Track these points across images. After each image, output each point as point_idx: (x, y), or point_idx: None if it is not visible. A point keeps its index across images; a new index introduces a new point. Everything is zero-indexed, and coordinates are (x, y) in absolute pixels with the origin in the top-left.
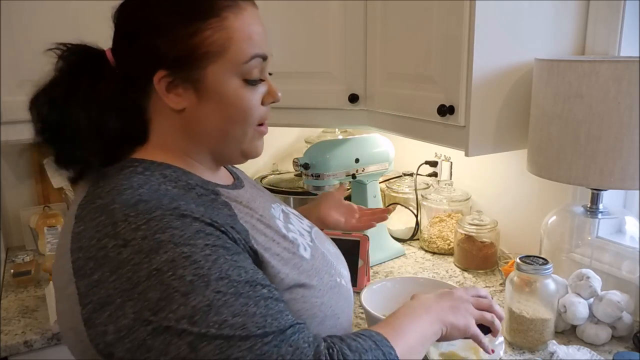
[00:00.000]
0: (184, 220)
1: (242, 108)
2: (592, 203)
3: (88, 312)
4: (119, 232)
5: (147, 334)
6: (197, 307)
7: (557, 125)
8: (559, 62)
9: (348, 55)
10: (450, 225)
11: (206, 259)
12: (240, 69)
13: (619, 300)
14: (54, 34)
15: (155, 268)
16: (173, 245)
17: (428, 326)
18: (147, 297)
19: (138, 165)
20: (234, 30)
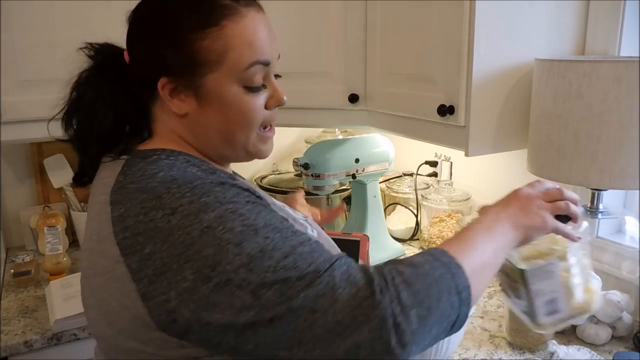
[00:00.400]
0: (223, 186)
1: (242, 113)
2: (592, 203)
3: (145, 286)
4: (164, 203)
5: (210, 291)
6: (251, 254)
7: (557, 125)
8: (559, 62)
9: (348, 55)
10: (450, 225)
11: (250, 211)
12: (239, 75)
13: (619, 300)
14: (54, 34)
15: (206, 226)
16: (219, 204)
17: (501, 237)
18: (203, 254)
19: (161, 153)
20: (232, 38)
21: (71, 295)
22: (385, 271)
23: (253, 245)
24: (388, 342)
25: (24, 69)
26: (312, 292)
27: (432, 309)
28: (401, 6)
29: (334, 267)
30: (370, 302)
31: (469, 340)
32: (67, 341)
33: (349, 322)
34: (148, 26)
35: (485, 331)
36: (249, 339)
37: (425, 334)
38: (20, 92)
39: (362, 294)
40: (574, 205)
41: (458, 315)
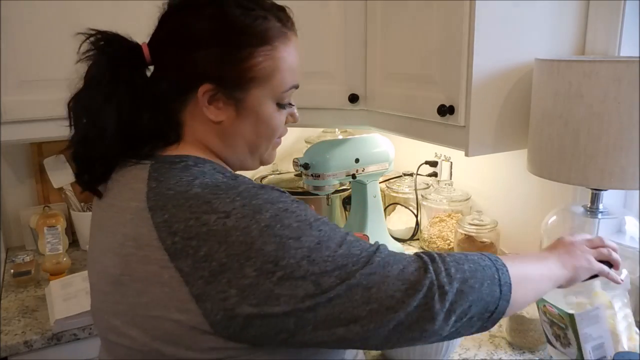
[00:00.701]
0: (265, 189)
1: (271, 127)
2: (592, 203)
3: (201, 287)
4: (217, 207)
5: (274, 284)
6: (310, 247)
7: (557, 125)
8: (559, 62)
9: (348, 55)
10: (450, 225)
11: (299, 208)
12: (278, 96)
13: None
14: (54, 34)
15: (264, 225)
16: (270, 205)
17: (549, 265)
18: (264, 252)
19: (187, 160)
20: (281, 60)
21: (71, 295)
22: (433, 252)
23: (310, 238)
24: (433, 309)
25: (24, 69)
26: (367, 271)
27: (474, 288)
28: (401, 6)
29: (380, 249)
30: (419, 275)
31: (469, 340)
32: (67, 341)
33: (401, 295)
34: (201, 34)
35: None
36: (309, 321)
37: (465, 309)
38: (20, 92)
39: (411, 268)
40: (615, 253)
41: (496, 307)
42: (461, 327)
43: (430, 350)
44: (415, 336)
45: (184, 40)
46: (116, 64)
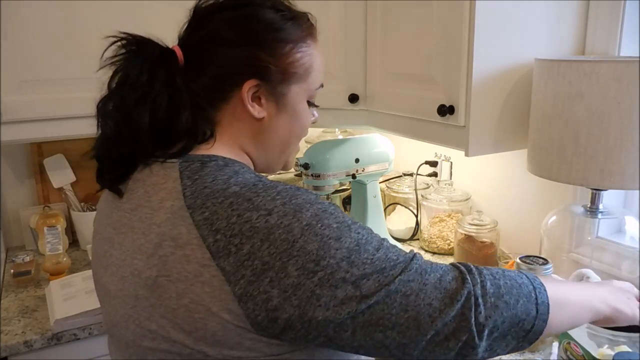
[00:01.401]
0: (301, 190)
1: (304, 125)
2: (592, 203)
3: (243, 287)
4: (258, 205)
5: (315, 285)
6: (350, 248)
7: (557, 125)
8: (559, 62)
9: (348, 55)
10: (450, 225)
11: (336, 210)
12: (311, 92)
13: None
14: (54, 33)
15: (306, 224)
16: (309, 204)
17: (594, 298)
18: (306, 250)
19: (217, 159)
20: (315, 57)
21: (71, 295)
22: (470, 264)
23: (350, 239)
24: (470, 320)
25: (24, 69)
26: (405, 277)
27: (509, 305)
28: (401, 6)
29: (417, 257)
30: (456, 285)
31: None
32: (67, 341)
33: (439, 304)
34: (248, 31)
35: None
36: (348, 326)
37: (498, 325)
38: (20, 92)
39: (448, 277)
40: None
41: (533, 326)
42: (495, 344)
43: None
44: (451, 346)
45: (223, 39)
46: (153, 66)
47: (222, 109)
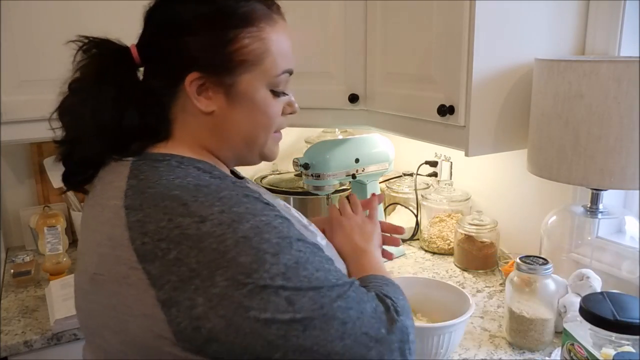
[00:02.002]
0: (248, 197)
1: (268, 116)
2: (592, 203)
3: (168, 292)
4: (193, 211)
5: (244, 296)
6: (288, 265)
7: (557, 125)
8: (559, 62)
9: (348, 55)
10: (450, 225)
11: (281, 225)
12: (270, 80)
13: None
14: (54, 33)
15: (241, 236)
16: (252, 216)
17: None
18: (238, 262)
19: (170, 159)
20: (270, 42)
21: (71, 295)
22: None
23: (289, 256)
24: (405, 353)
25: (24, 69)
26: (343, 304)
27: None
28: (401, 6)
29: (354, 284)
30: (390, 316)
31: (469, 340)
32: (67, 341)
33: (375, 333)
34: (183, 21)
35: (485, 331)
36: (279, 347)
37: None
38: (20, 92)
39: (381, 309)
40: None
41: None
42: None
43: (430, 350)
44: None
45: (169, 30)
46: (101, 67)
47: (175, 105)
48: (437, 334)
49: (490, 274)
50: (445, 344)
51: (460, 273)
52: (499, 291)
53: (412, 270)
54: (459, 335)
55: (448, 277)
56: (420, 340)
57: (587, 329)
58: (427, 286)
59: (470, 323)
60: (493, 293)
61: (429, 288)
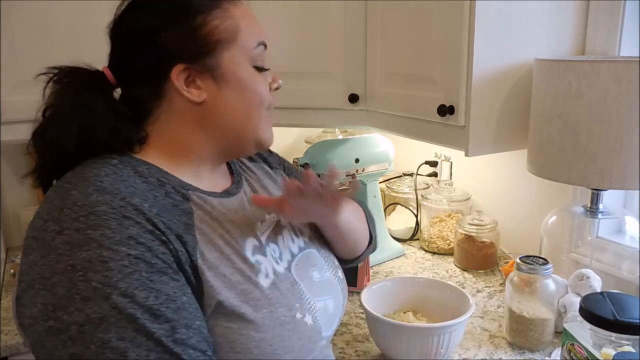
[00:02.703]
0: (122, 221)
1: (257, 92)
2: (592, 203)
3: (19, 291)
4: (60, 218)
5: (44, 330)
6: (90, 317)
7: (557, 125)
8: (559, 62)
9: (348, 55)
10: (450, 225)
11: (120, 269)
12: (250, 54)
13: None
14: (54, 33)
15: (71, 264)
16: (97, 246)
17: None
18: (54, 291)
19: (115, 158)
20: (239, 18)
21: None
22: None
23: (96, 308)
24: None
25: (24, 69)
26: None
27: None
28: (401, 6)
29: None
30: None
31: (469, 340)
32: None
33: None
34: (152, 23)
35: (485, 331)
36: None
37: None
38: (20, 92)
39: None
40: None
41: None
42: None
43: (430, 350)
44: None
45: (140, 37)
46: (76, 95)
47: (160, 107)
48: (437, 334)
49: (490, 274)
50: (445, 344)
51: (460, 273)
52: (499, 291)
53: (412, 270)
54: (459, 335)
55: (448, 277)
56: (420, 340)
57: (587, 329)
58: (427, 286)
59: (470, 323)
60: (493, 293)
61: (429, 288)
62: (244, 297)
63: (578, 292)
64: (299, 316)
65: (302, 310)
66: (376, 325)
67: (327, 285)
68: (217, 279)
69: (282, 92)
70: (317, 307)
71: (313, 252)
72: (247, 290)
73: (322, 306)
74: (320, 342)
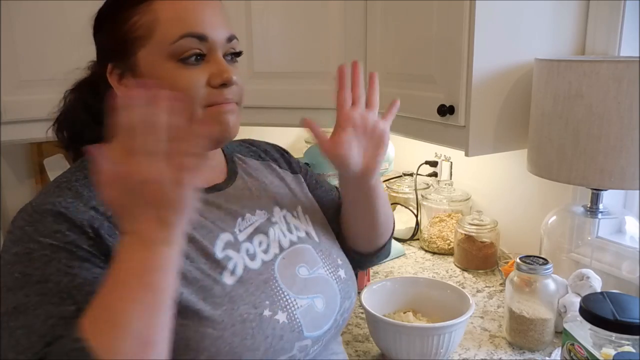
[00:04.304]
0: (57, 218)
1: (179, 89)
2: (592, 203)
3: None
4: (16, 218)
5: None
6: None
7: (557, 125)
8: (559, 62)
9: (348, 55)
10: (450, 225)
11: (40, 258)
12: (169, 49)
13: None
14: (54, 33)
15: (6, 258)
16: (27, 240)
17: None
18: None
19: (80, 168)
20: (160, 11)
21: None
22: None
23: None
24: None
25: (24, 69)
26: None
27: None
28: (401, 6)
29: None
30: None
31: (469, 340)
32: None
33: None
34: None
35: (485, 331)
36: None
37: None
38: (20, 92)
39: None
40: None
41: None
42: None
43: (430, 350)
44: None
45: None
46: (79, 98)
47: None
48: (437, 334)
49: (490, 274)
50: (445, 344)
51: (460, 273)
52: (499, 291)
53: (412, 270)
54: (459, 335)
55: (448, 277)
56: (420, 340)
57: (587, 329)
58: (427, 286)
59: (470, 323)
60: (493, 293)
61: (429, 288)
62: (202, 294)
63: (578, 292)
64: (267, 314)
65: (274, 307)
66: (376, 325)
67: (317, 283)
68: None
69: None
70: (298, 304)
71: (306, 248)
72: (206, 288)
73: (307, 304)
74: (301, 342)
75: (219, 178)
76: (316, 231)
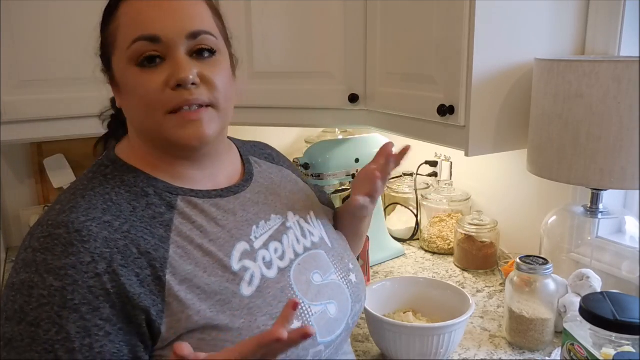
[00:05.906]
0: (66, 249)
1: (138, 95)
2: (592, 203)
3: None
4: (33, 234)
5: None
6: (4, 335)
7: (557, 125)
8: (559, 62)
9: (348, 55)
10: (450, 225)
11: (38, 298)
12: (127, 55)
13: None
14: (54, 33)
15: (11, 283)
16: (34, 270)
17: None
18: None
19: (109, 165)
20: (122, 17)
21: None
22: None
23: (9, 329)
24: None
25: (24, 69)
26: None
27: None
28: (401, 6)
29: None
30: None
31: (469, 340)
32: None
33: None
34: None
35: (485, 331)
36: None
37: None
38: (20, 92)
39: None
40: None
41: None
42: None
43: (430, 350)
44: None
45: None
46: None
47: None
48: (437, 334)
49: (490, 274)
50: (445, 344)
51: (460, 273)
52: (499, 291)
53: (412, 270)
54: (459, 335)
55: (448, 277)
56: (420, 340)
57: (587, 329)
58: (427, 286)
59: (470, 323)
60: (493, 293)
61: (429, 288)
62: (220, 307)
63: (578, 292)
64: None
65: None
66: (376, 325)
67: (330, 289)
68: (190, 292)
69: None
70: (312, 312)
71: (320, 254)
72: (226, 300)
73: (321, 311)
74: (315, 348)
75: (235, 179)
76: (329, 236)
